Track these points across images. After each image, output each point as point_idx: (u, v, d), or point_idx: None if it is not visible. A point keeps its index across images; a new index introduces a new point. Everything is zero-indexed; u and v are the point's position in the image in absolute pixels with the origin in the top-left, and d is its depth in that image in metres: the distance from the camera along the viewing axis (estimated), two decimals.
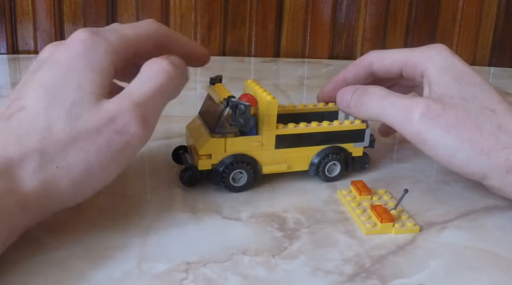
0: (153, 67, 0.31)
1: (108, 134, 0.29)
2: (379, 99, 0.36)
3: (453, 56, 0.37)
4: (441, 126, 0.33)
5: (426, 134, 0.34)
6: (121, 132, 0.29)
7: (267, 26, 0.86)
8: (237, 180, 0.37)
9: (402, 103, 0.35)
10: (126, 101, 0.29)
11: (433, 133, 0.33)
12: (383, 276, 0.28)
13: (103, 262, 0.28)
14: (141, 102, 0.30)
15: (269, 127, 0.36)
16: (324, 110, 0.43)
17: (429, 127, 0.34)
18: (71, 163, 0.28)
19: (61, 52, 0.31)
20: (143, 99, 0.30)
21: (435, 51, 0.37)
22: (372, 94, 0.37)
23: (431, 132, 0.34)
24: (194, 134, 0.38)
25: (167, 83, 0.31)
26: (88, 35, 0.31)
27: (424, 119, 0.34)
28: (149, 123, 0.30)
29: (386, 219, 0.32)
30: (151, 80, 0.31)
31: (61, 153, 0.28)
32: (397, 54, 0.40)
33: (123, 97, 0.30)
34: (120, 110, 0.29)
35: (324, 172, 0.39)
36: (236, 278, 0.27)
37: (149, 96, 0.30)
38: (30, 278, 0.27)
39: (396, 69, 0.40)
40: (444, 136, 0.33)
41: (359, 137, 0.39)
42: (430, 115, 0.34)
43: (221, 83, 0.39)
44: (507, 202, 0.37)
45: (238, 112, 0.34)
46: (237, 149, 0.36)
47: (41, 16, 0.79)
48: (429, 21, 0.88)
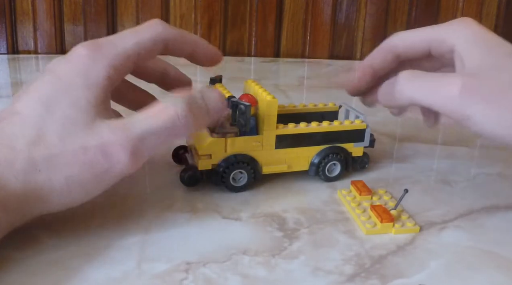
0: (164, 107, 0.30)
1: (95, 157, 0.28)
2: (410, 82, 0.35)
3: (481, 28, 0.36)
4: (479, 100, 0.32)
5: (466, 110, 0.32)
6: (108, 158, 0.29)
7: (267, 26, 0.86)
8: (237, 180, 0.37)
9: (436, 82, 0.34)
10: (123, 132, 0.29)
11: (473, 108, 0.32)
12: (383, 276, 0.28)
13: (103, 262, 0.28)
14: (138, 137, 0.29)
15: (269, 127, 0.36)
16: (324, 110, 0.43)
17: (469, 102, 0.32)
18: (53, 175, 0.28)
19: (62, 65, 0.31)
20: (140, 134, 0.29)
21: (462, 25, 0.36)
22: (402, 79, 0.35)
23: (471, 107, 0.32)
24: (194, 134, 0.38)
25: (172, 127, 0.30)
26: (88, 51, 0.31)
27: (463, 95, 0.32)
28: (139, 157, 0.30)
29: (386, 219, 0.32)
30: (156, 118, 0.30)
31: (46, 163, 0.28)
32: (422, 32, 0.38)
33: (121, 126, 0.29)
34: (114, 139, 0.29)
35: (324, 172, 0.39)
36: (236, 278, 0.27)
37: (148, 133, 0.30)
38: (30, 278, 0.27)
39: (423, 48, 0.38)
40: (484, 110, 0.32)
41: (359, 137, 0.39)
42: (468, 90, 0.32)
43: (221, 83, 0.39)
44: (507, 202, 0.37)
45: (238, 112, 0.34)
46: (237, 149, 0.36)
47: (41, 16, 0.79)
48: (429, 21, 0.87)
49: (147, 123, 0.30)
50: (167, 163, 0.41)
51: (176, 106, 0.30)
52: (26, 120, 0.29)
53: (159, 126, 0.30)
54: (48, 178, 0.28)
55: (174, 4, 0.83)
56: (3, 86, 0.64)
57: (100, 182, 0.29)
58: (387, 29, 0.88)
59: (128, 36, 0.33)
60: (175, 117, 0.30)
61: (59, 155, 0.28)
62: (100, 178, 0.29)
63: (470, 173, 0.42)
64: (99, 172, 0.29)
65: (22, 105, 0.29)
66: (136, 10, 0.82)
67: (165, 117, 0.30)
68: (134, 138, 0.29)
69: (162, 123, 0.30)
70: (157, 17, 0.86)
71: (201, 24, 0.84)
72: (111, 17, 0.82)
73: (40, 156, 0.28)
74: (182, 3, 0.83)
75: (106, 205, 0.35)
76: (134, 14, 0.83)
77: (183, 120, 0.30)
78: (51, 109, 0.29)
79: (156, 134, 0.30)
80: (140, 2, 0.82)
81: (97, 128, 0.29)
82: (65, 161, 0.28)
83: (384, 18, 0.87)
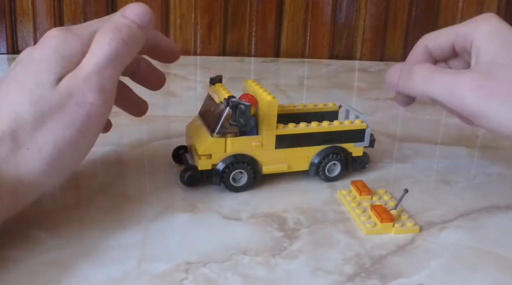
0: (102, 38, 0.31)
1: (70, 109, 0.29)
2: (424, 76, 0.36)
3: (500, 23, 0.36)
4: (487, 96, 0.33)
5: (474, 107, 0.33)
6: (81, 104, 0.30)
7: (267, 26, 0.86)
8: (237, 180, 0.37)
9: (448, 79, 0.34)
10: (80, 74, 0.30)
11: (480, 105, 0.33)
12: (383, 276, 0.28)
13: (103, 262, 0.28)
14: (94, 72, 0.30)
15: (269, 127, 0.36)
16: (324, 110, 0.43)
17: (475, 99, 0.33)
18: (40, 145, 0.28)
19: (35, 50, 0.32)
20: (95, 69, 0.30)
21: (482, 20, 0.37)
22: (417, 73, 0.37)
23: (478, 104, 0.33)
24: (194, 134, 0.38)
25: (117, 50, 0.31)
26: (60, 31, 0.32)
27: (469, 92, 0.33)
28: (105, 91, 0.31)
29: (386, 219, 0.32)
30: (101, 50, 0.31)
31: (30, 136, 0.28)
32: (449, 29, 0.39)
33: (77, 71, 0.30)
34: (76, 83, 0.30)
35: (324, 172, 0.39)
36: (236, 278, 0.27)
37: (100, 66, 0.31)
38: (30, 278, 0.27)
39: (449, 45, 0.39)
40: (491, 106, 0.32)
41: (359, 137, 0.39)
42: (474, 87, 0.33)
43: (221, 83, 0.39)
44: (507, 202, 0.37)
45: (239, 112, 0.34)
46: (237, 149, 0.36)
47: (41, 16, 0.79)
48: (429, 21, 0.88)
49: (95, 59, 0.31)
50: (167, 163, 0.41)
51: (104, 33, 0.31)
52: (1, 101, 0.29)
53: (107, 56, 0.31)
54: (37, 151, 0.28)
55: (174, 4, 0.83)
56: None
57: (86, 134, 0.30)
58: (387, 29, 0.88)
59: (96, 23, 0.34)
60: (109, 42, 0.31)
61: (39, 123, 0.29)
62: (86, 130, 0.30)
63: (470, 173, 0.42)
64: (81, 124, 0.30)
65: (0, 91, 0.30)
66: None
67: (107, 46, 0.31)
68: (93, 76, 0.30)
69: (102, 53, 0.31)
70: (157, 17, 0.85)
71: (201, 24, 0.84)
72: None
73: (22, 131, 0.28)
74: (182, 3, 0.83)
75: (106, 205, 0.35)
76: None
77: (119, 40, 0.31)
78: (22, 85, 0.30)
79: (105, 64, 0.31)
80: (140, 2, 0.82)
81: (60, 85, 0.30)
82: (47, 126, 0.29)
83: (384, 18, 0.87)
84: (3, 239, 0.29)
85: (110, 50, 0.31)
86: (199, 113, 0.40)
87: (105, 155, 0.43)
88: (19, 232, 0.30)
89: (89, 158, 0.42)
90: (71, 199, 0.35)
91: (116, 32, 0.31)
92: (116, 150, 0.44)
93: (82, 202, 0.35)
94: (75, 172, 0.39)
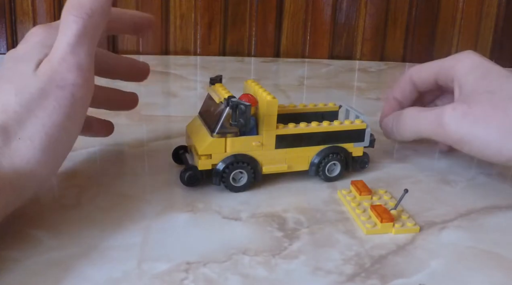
0: (66, 17, 0.31)
1: (53, 93, 0.30)
2: (412, 117, 0.39)
3: (480, 58, 0.39)
4: (469, 122, 0.35)
5: (458, 133, 0.36)
6: (62, 86, 0.30)
7: (267, 26, 0.86)
8: (237, 180, 0.37)
9: (432, 114, 0.37)
10: (55, 57, 0.30)
11: (464, 130, 0.35)
12: (383, 276, 0.28)
13: (103, 262, 0.28)
14: (67, 53, 0.30)
15: (269, 127, 0.36)
16: (324, 110, 0.43)
17: (459, 126, 0.35)
18: (31, 133, 0.29)
19: (19, 46, 0.33)
20: (68, 49, 0.31)
21: (463, 55, 0.39)
22: (406, 115, 0.40)
23: (462, 130, 0.35)
24: (194, 134, 0.38)
25: (84, 26, 0.31)
26: (41, 27, 0.33)
27: (452, 120, 0.36)
28: (84, 69, 0.31)
29: (386, 219, 0.32)
30: (69, 29, 0.31)
31: (19, 126, 0.29)
32: (432, 64, 0.42)
33: (52, 55, 0.31)
34: (53, 66, 0.30)
35: (324, 172, 0.39)
36: (236, 278, 0.27)
37: (72, 45, 0.31)
38: (30, 278, 0.27)
39: (431, 79, 0.42)
40: (474, 131, 0.35)
41: (359, 137, 0.39)
42: (458, 115, 0.36)
43: (221, 83, 0.39)
44: (507, 202, 0.37)
45: (239, 112, 0.34)
46: (237, 149, 0.36)
47: (41, 16, 0.79)
48: (429, 21, 0.88)
49: (63, 40, 0.31)
50: (167, 163, 0.41)
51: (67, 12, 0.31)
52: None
53: (72, 35, 0.31)
54: (29, 141, 0.29)
55: (174, 4, 0.83)
56: None
57: (74, 117, 0.31)
58: (387, 29, 0.88)
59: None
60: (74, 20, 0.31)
61: (26, 112, 0.29)
62: (73, 112, 0.30)
63: (470, 173, 0.42)
64: (67, 107, 0.30)
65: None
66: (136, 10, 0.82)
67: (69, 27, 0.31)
68: (64, 56, 0.30)
69: (70, 32, 0.31)
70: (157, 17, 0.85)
71: (201, 24, 0.84)
72: None
73: (12, 123, 0.29)
74: (182, 3, 0.83)
75: (106, 205, 0.35)
76: None
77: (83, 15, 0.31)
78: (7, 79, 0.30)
79: (76, 42, 0.31)
80: (140, 2, 0.82)
81: (38, 71, 0.30)
82: (34, 114, 0.29)
83: (384, 18, 0.87)
84: (3, 239, 0.29)
85: (78, 28, 0.31)
86: (199, 113, 0.40)
87: (105, 155, 0.43)
88: (19, 232, 0.30)
89: (89, 158, 0.42)
90: (71, 199, 0.35)
91: (79, 8, 0.31)
92: (116, 150, 0.44)
93: (82, 202, 0.35)
94: (75, 172, 0.39)
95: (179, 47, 0.85)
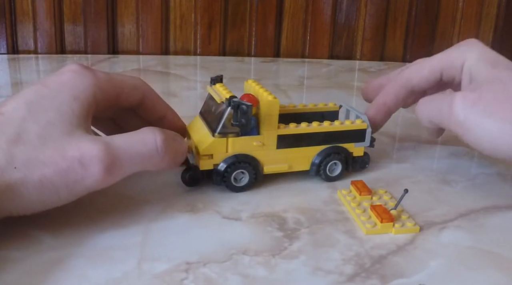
0: (148, 134, 0.32)
1: (71, 163, 0.29)
2: (425, 104, 0.38)
3: (486, 47, 0.38)
4: (480, 112, 0.34)
5: (468, 122, 0.34)
6: (83, 167, 0.29)
7: (267, 26, 0.86)
8: (238, 180, 0.37)
9: (443, 100, 0.36)
10: (103, 144, 0.30)
11: (474, 120, 0.34)
12: (383, 276, 0.28)
13: (103, 262, 0.28)
14: (116, 155, 0.30)
15: (271, 127, 0.36)
16: (324, 110, 0.43)
17: (468, 115, 0.34)
18: (29, 173, 0.28)
19: (51, 77, 0.32)
20: (118, 153, 0.30)
21: (469, 45, 0.38)
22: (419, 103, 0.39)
23: (472, 119, 0.34)
24: (195, 134, 0.38)
25: (149, 156, 0.31)
26: (79, 67, 0.33)
27: (462, 108, 0.34)
28: (112, 175, 0.30)
29: (386, 219, 0.32)
30: (138, 143, 0.31)
31: (23, 161, 0.28)
32: (433, 60, 0.40)
33: (102, 141, 0.30)
34: (93, 152, 0.29)
35: (325, 172, 0.39)
36: (236, 278, 0.27)
37: (125, 154, 0.30)
38: (30, 278, 0.27)
39: (437, 75, 0.40)
40: (484, 121, 0.33)
41: (360, 137, 0.39)
42: (468, 103, 0.34)
43: (221, 83, 0.39)
44: (507, 202, 0.37)
45: (240, 112, 0.34)
46: (238, 149, 0.36)
47: (41, 16, 0.79)
48: (429, 21, 0.88)
49: (126, 144, 0.31)
50: None
51: (156, 136, 0.32)
52: (8, 120, 0.29)
53: (137, 151, 0.31)
54: (23, 176, 0.28)
55: (174, 4, 0.83)
56: (3, 86, 0.64)
57: (71, 190, 0.29)
58: (387, 29, 0.88)
59: (116, 73, 0.36)
60: (153, 147, 0.31)
61: (37, 156, 0.28)
62: (72, 186, 0.29)
63: (470, 173, 0.42)
64: (72, 180, 0.29)
65: (7, 108, 0.30)
66: (136, 10, 0.82)
67: (144, 144, 0.31)
68: (112, 155, 0.30)
69: (140, 148, 0.31)
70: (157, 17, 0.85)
71: (201, 24, 0.84)
72: (111, 17, 0.82)
73: (18, 154, 0.28)
74: (182, 3, 0.83)
75: (106, 205, 0.35)
76: (134, 14, 0.83)
77: (160, 151, 0.32)
78: (34, 112, 0.30)
79: (132, 158, 0.31)
80: (140, 2, 0.82)
81: (78, 138, 0.30)
82: (42, 162, 0.28)
83: (384, 18, 0.87)
84: (3, 239, 0.29)
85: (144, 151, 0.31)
86: (200, 113, 0.40)
87: None
88: (19, 232, 0.30)
89: None
90: None
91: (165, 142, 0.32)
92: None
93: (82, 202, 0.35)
94: None
95: (179, 47, 0.85)
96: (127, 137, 0.31)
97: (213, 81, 0.39)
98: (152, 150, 0.31)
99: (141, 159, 0.31)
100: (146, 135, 0.32)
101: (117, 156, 0.30)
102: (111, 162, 0.29)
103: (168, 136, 0.33)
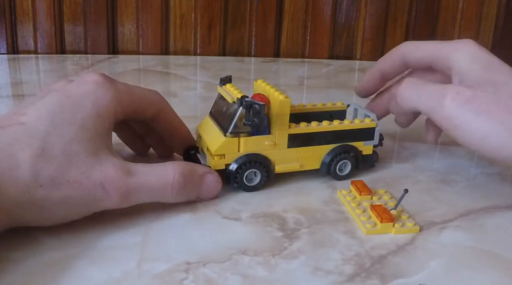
0: (168, 172, 0.32)
1: (94, 186, 0.29)
2: (416, 87, 0.37)
3: (481, 48, 0.38)
4: (471, 111, 0.34)
5: (458, 119, 0.34)
6: (104, 191, 0.30)
7: (267, 26, 0.86)
8: (250, 179, 0.37)
9: (434, 90, 0.36)
10: (124, 176, 0.31)
11: (464, 118, 0.34)
12: (383, 276, 0.28)
13: (103, 262, 0.28)
14: (134, 185, 0.31)
15: (282, 126, 0.36)
16: (333, 109, 0.43)
17: (460, 112, 0.34)
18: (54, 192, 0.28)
19: (73, 85, 0.32)
20: (137, 184, 0.31)
21: (463, 44, 0.38)
22: (409, 82, 0.38)
23: (462, 116, 0.34)
24: (206, 134, 0.38)
25: (163, 192, 0.32)
26: (102, 78, 0.33)
27: (454, 104, 0.34)
28: (126, 202, 0.31)
29: (386, 219, 0.32)
30: (156, 178, 0.32)
31: (49, 180, 0.28)
32: (428, 45, 0.40)
33: (124, 170, 0.31)
34: (114, 178, 0.30)
35: (335, 171, 0.39)
36: (236, 278, 0.27)
37: (143, 186, 0.31)
38: (30, 278, 0.27)
39: (426, 61, 0.40)
40: (475, 120, 0.33)
41: (369, 136, 0.40)
42: (461, 100, 0.34)
43: (231, 83, 0.39)
44: (507, 202, 0.37)
45: (253, 112, 0.34)
46: (250, 149, 0.36)
47: (41, 16, 0.79)
48: (429, 21, 0.88)
49: (145, 177, 0.32)
50: None
51: (175, 174, 0.32)
52: (31, 131, 0.29)
53: (153, 186, 0.32)
54: (48, 194, 0.28)
55: (174, 4, 0.83)
56: (3, 86, 0.64)
57: (89, 208, 0.30)
58: (387, 29, 0.88)
59: (136, 86, 0.36)
60: (169, 185, 0.32)
61: (63, 175, 0.29)
62: (91, 205, 0.30)
63: (470, 173, 0.42)
64: (92, 200, 0.30)
65: (29, 117, 0.30)
66: (136, 10, 0.82)
67: (161, 181, 0.32)
68: (131, 185, 0.31)
69: (155, 184, 0.32)
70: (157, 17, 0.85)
71: (201, 24, 0.84)
72: (111, 17, 0.82)
73: (43, 171, 0.28)
74: (182, 3, 0.83)
75: None
76: (134, 14, 0.83)
77: (175, 190, 0.33)
78: (57, 126, 0.30)
79: (148, 191, 0.32)
80: (140, 2, 0.82)
81: (103, 160, 0.30)
82: (67, 182, 0.29)
83: (384, 18, 0.87)
84: (3, 239, 0.29)
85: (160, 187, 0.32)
86: (210, 113, 0.40)
87: None
88: (19, 232, 0.30)
89: None
90: None
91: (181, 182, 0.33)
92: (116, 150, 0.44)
93: None
94: None
95: (179, 47, 0.85)
96: (147, 169, 0.32)
97: (223, 82, 0.39)
98: (166, 188, 0.32)
99: (156, 194, 0.32)
100: (166, 172, 0.32)
101: (134, 187, 0.31)
102: (128, 191, 0.31)
103: (187, 176, 0.33)
